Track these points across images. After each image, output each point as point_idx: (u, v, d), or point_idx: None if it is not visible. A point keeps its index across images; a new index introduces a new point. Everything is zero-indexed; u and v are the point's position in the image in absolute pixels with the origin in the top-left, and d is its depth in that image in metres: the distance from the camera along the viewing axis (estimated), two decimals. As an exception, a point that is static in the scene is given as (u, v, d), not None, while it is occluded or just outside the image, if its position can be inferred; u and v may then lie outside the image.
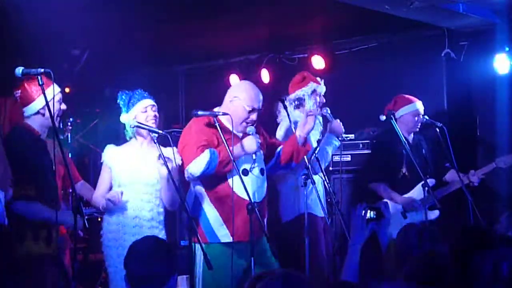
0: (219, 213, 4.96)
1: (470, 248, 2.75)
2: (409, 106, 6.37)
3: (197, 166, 4.88)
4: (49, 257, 4.87)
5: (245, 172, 5.00)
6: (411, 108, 6.36)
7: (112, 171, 5.20)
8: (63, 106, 5.05)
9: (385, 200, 6.17)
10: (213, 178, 4.94)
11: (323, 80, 6.02)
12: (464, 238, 2.84)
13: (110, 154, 5.24)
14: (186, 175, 4.97)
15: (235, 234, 4.89)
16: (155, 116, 5.18)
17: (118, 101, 5.29)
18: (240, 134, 5.11)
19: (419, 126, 6.39)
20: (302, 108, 5.90)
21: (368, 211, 4.01)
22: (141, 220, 5.16)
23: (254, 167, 5.06)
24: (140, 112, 5.17)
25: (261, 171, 5.13)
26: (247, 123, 5.10)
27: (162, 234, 5.24)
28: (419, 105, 6.39)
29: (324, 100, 5.96)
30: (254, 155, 4.99)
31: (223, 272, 4.79)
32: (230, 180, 4.91)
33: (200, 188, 5.03)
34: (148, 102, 5.22)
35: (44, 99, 4.59)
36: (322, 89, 5.97)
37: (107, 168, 5.23)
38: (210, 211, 4.98)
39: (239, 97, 5.12)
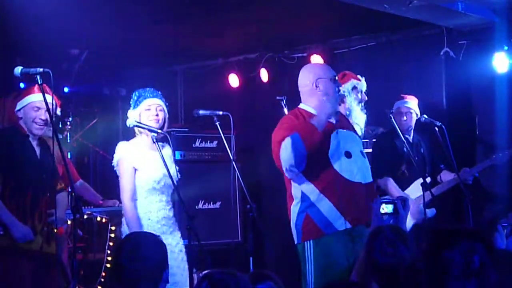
0: (331, 201, 4.73)
1: (438, 247, 2.77)
2: (397, 102, 6.50)
3: (286, 154, 4.65)
4: (29, 255, 4.82)
5: (348, 155, 4.83)
6: (398, 105, 6.52)
7: (141, 174, 5.10)
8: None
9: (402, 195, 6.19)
10: (317, 168, 4.74)
11: (363, 77, 5.99)
12: (431, 239, 2.85)
13: (132, 154, 5.12)
14: (288, 175, 4.77)
15: (352, 219, 4.72)
16: (156, 115, 5.15)
17: (130, 101, 5.27)
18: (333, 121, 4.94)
19: (410, 122, 6.46)
20: (343, 104, 5.87)
21: (384, 205, 3.99)
22: (169, 220, 5.17)
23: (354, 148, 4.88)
24: (144, 110, 5.16)
25: (361, 153, 4.96)
26: (338, 93, 4.98)
27: (178, 233, 5.24)
28: (409, 102, 6.47)
29: (366, 98, 5.91)
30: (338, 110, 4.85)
31: (339, 260, 4.68)
32: (336, 165, 4.76)
33: (307, 185, 4.78)
34: (153, 101, 5.19)
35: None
36: (362, 85, 5.94)
37: (132, 170, 5.09)
38: (321, 202, 4.74)
39: (322, 76, 4.94)
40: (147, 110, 5.15)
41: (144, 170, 5.09)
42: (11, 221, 4.77)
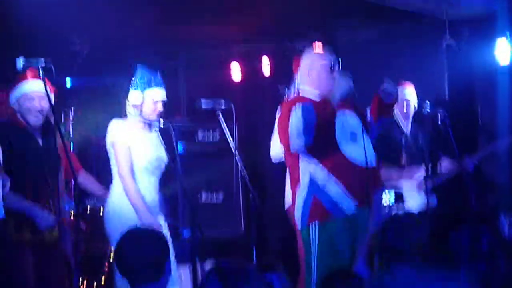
0: (339, 184, 4.78)
1: (446, 231, 2.78)
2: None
3: (295, 120, 4.69)
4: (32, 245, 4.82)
5: (354, 137, 4.88)
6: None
7: (134, 153, 5.12)
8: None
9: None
10: (325, 150, 4.79)
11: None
12: (439, 223, 2.87)
13: (126, 133, 5.14)
14: (295, 147, 4.75)
15: (358, 201, 4.77)
16: (160, 111, 5.19)
17: (136, 72, 5.24)
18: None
19: (409, 111, 6.42)
20: None
21: (385, 194, 4.00)
22: (152, 203, 5.19)
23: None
24: (152, 100, 5.15)
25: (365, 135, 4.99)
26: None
27: (161, 218, 5.28)
28: (406, 90, 6.45)
29: None
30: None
31: (343, 244, 4.73)
32: (343, 148, 4.80)
33: (315, 166, 4.81)
34: (161, 93, 5.20)
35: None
36: None
37: (126, 146, 5.10)
38: (330, 185, 4.78)
39: (315, 62, 5.04)
40: (154, 103, 5.16)
41: (137, 150, 5.11)
42: (33, 210, 4.76)
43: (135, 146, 5.11)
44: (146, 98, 5.15)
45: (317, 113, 4.69)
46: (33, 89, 4.81)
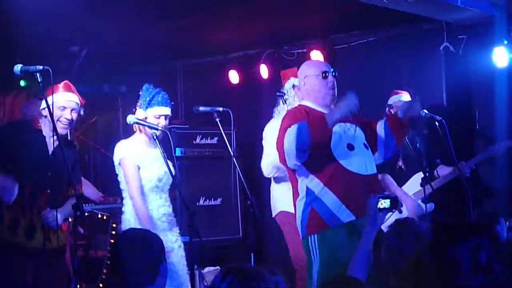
0: (335, 194, 4.76)
1: (445, 242, 2.76)
2: (392, 98, 6.48)
3: (288, 142, 4.66)
4: (30, 251, 4.82)
5: (351, 147, 4.85)
6: (393, 100, 6.46)
7: (144, 172, 5.19)
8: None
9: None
10: (320, 161, 4.79)
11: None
12: (438, 233, 2.85)
13: (134, 152, 5.20)
14: (290, 165, 4.78)
15: (356, 211, 4.73)
16: (164, 126, 5.21)
17: (140, 91, 5.29)
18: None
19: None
20: (285, 105, 5.94)
21: (381, 200, 3.98)
22: (168, 216, 5.23)
23: (357, 141, 4.89)
24: (154, 116, 5.21)
25: (365, 145, 4.97)
26: (332, 89, 4.96)
27: (177, 229, 5.29)
28: (404, 97, 6.46)
29: None
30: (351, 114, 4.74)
31: (343, 254, 4.64)
32: (339, 158, 4.79)
33: (311, 178, 4.81)
34: (165, 110, 5.25)
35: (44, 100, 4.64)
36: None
37: (136, 167, 5.17)
38: (326, 195, 4.77)
39: (307, 73, 5.03)
40: (157, 118, 5.21)
41: (147, 169, 5.16)
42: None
43: (144, 166, 5.17)
44: (149, 115, 5.21)
45: (311, 131, 4.65)
46: (66, 99, 4.93)
